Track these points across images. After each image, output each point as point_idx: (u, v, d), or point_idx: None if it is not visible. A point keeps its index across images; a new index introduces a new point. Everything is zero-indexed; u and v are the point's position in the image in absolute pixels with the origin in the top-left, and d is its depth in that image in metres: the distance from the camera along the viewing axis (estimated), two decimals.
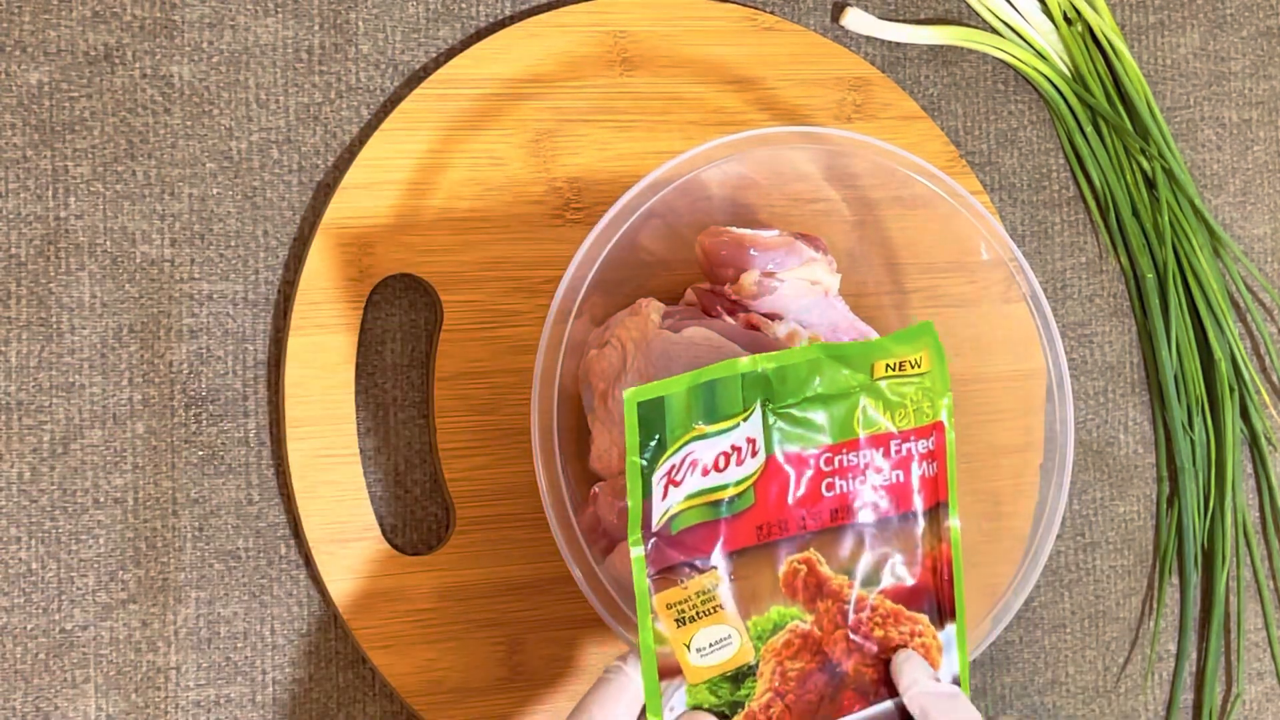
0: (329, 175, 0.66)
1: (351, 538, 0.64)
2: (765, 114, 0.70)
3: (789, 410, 0.53)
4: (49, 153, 0.63)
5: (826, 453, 0.54)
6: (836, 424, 0.54)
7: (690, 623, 0.52)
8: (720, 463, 0.52)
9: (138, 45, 0.64)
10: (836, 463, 0.54)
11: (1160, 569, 0.77)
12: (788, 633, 0.53)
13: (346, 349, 0.64)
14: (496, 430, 0.66)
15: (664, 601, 0.52)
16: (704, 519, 0.52)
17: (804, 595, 0.54)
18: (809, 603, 0.54)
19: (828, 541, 0.54)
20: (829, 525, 0.54)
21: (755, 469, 0.53)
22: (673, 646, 0.52)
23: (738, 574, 0.53)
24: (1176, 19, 0.78)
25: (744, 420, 0.52)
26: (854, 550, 0.55)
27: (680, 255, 0.65)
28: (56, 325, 0.63)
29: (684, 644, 0.52)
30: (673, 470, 0.51)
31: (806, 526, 0.54)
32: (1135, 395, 0.77)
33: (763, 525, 0.53)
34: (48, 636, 0.62)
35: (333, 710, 0.65)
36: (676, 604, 0.52)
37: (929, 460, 0.55)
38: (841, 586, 0.54)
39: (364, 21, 0.67)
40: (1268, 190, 0.80)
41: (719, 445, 0.52)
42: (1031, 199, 0.76)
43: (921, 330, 0.55)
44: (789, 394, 0.53)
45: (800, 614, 0.53)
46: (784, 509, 0.54)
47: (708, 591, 0.52)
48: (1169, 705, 0.77)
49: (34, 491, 0.62)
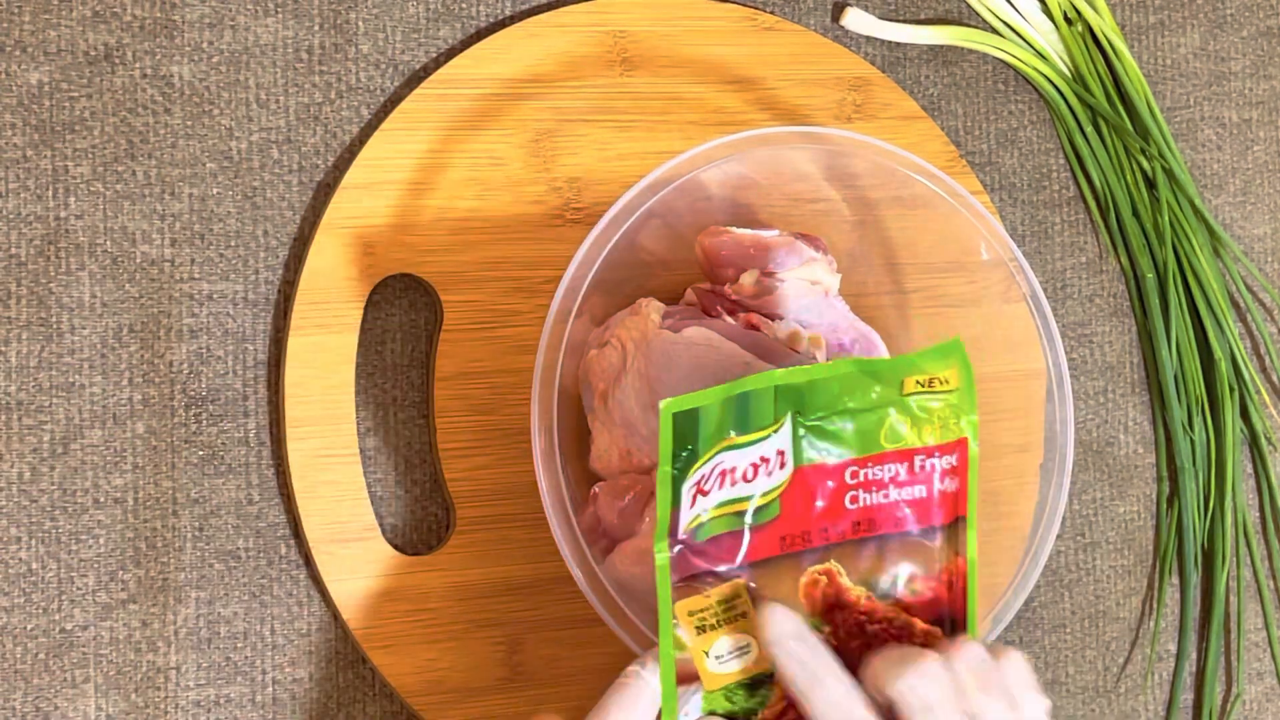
0: (329, 175, 0.66)
1: (351, 538, 0.64)
2: (765, 114, 0.70)
3: (818, 423, 0.53)
4: (49, 153, 0.63)
5: (852, 465, 0.54)
6: (863, 437, 0.54)
7: (711, 630, 0.52)
8: (749, 473, 0.52)
9: (138, 45, 0.64)
10: (861, 476, 0.54)
11: (1160, 569, 0.77)
12: None
13: (346, 349, 0.64)
14: (496, 430, 0.66)
15: (686, 609, 0.52)
16: (730, 528, 0.53)
17: (823, 605, 0.54)
18: (827, 613, 0.54)
19: (849, 553, 0.54)
20: (850, 537, 0.54)
21: (783, 480, 0.53)
22: (692, 653, 0.52)
23: (759, 583, 0.53)
24: (1176, 19, 0.78)
25: (775, 432, 0.52)
26: (874, 563, 0.55)
27: (680, 255, 0.65)
28: (56, 325, 0.63)
29: (703, 651, 0.52)
30: (702, 480, 0.51)
31: (829, 538, 0.54)
32: (1135, 395, 0.77)
33: (786, 536, 0.53)
34: (48, 636, 0.62)
35: (333, 710, 0.65)
36: (698, 611, 0.52)
37: (951, 476, 0.56)
38: (859, 598, 0.54)
39: (364, 21, 0.67)
40: (1268, 190, 0.80)
41: (749, 456, 0.52)
42: (1031, 199, 0.76)
43: (951, 348, 0.55)
44: (819, 407, 0.53)
45: (818, 624, 0.54)
46: (808, 520, 0.54)
47: (729, 600, 0.53)
48: (1169, 705, 0.77)
49: (34, 491, 0.62)
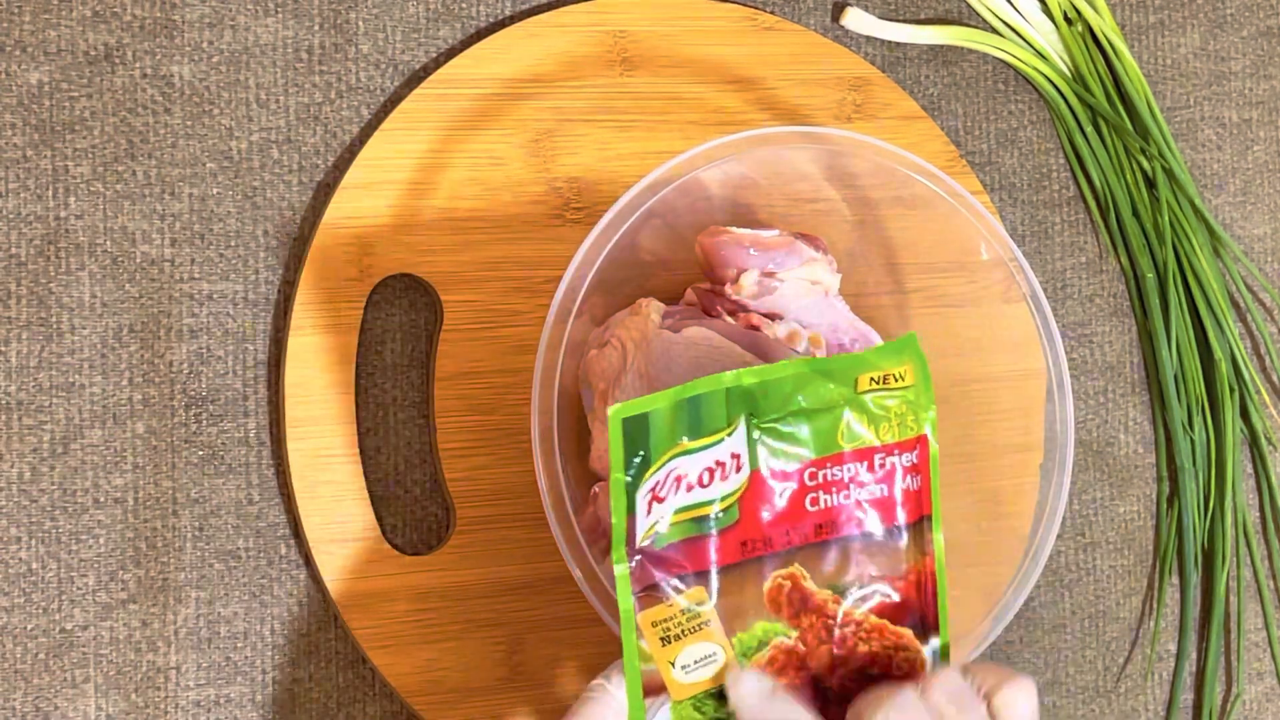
0: (329, 175, 0.66)
1: (351, 538, 0.64)
2: (765, 114, 0.70)
3: (773, 425, 0.53)
4: (49, 153, 0.63)
5: (810, 467, 0.54)
6: (820, 438, 0.54)
7: (675, 640, 0.52)
8: (704, 478, 0.52)
9: (138, 45, 0.64)
10: (820, 477, 0.54)
11: (1160, 569, 0.77)
12: (772, 649, 0.53)
13: (346, 349, 0.64)
14: (496, 430, 0.66)
15: (649, 619, 0.51)
16: (688, 535, 0.52)
17: (788, 611, 0.53)
18: (793, 618, 0.53)
19: (812, 556, 0.54)
20: (813, 540, 0.54)
21: (739, 484, 0.53)
22: (657, 664, 0.51)
23: (723, 590, 0.52)
24: (1176, 19, 0.78)
25: (728, 435, 0.52)
26: (839, 565, 0.54)
27: (680, 255, 0.65)
28: (56, 325, 0.63)
29: (669, 661, 0.51)
30: (657, 486, 0.51)
31: (791, 542, 0.53)
32: (1135, 395, 0.77)
33: (747, 541, 0.53)
34: (48, 636, 0.62)
35: (333, 710, 0.65)
36: (661, 621, 0.51)
37: (913, 474, 0.55)
38: (826, 601, 0.54)
39: (364, 21, 0.67)
40: (1268, 190, 0.80)
41: (703, 461, 0.52)
42: (1031, 199, 0.76)
43: (905, 343, 0.54)
44: (773, 408, 0.53)
45: (784, 630, 0.53)
46: (768, 524, 0.53)
47: (693, 609, 0.52)
48: (1169, 705, 0.77)
49: (34, 491, 0.62)
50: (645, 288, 0.65)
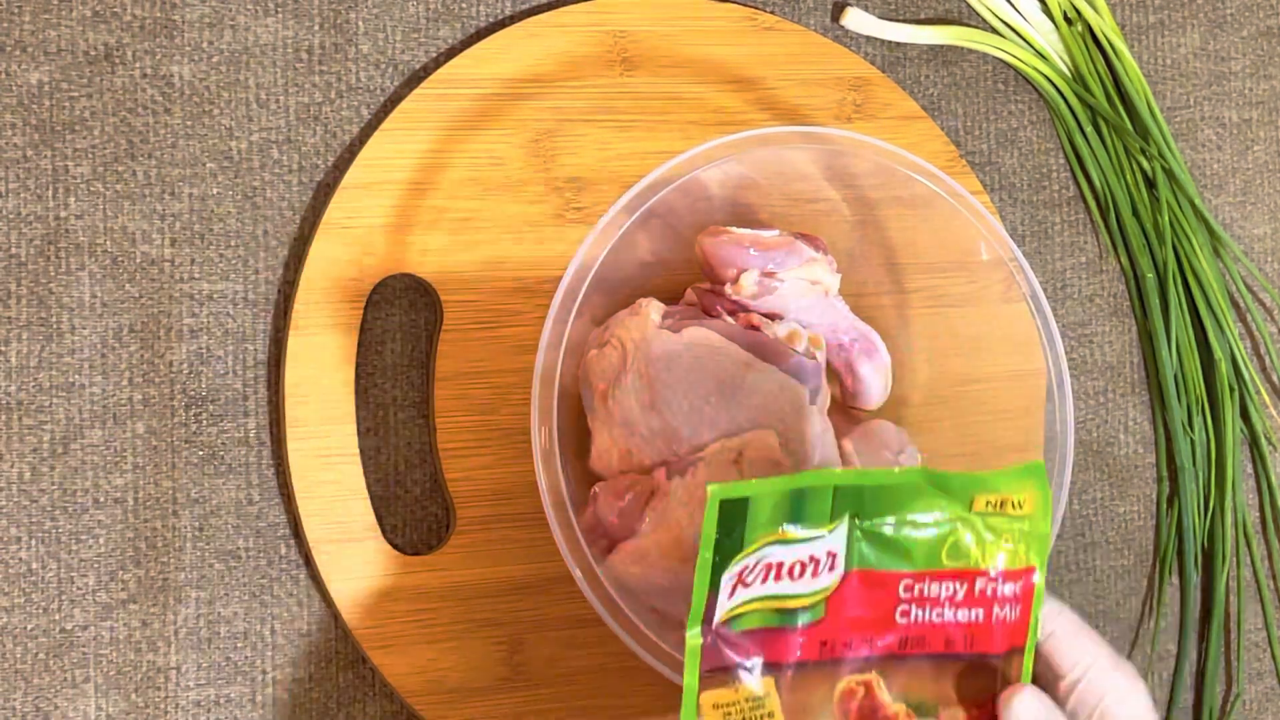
0: (329, 175, 0.66)
1: (351, 538, 0.64)
2: (765, 114, 0.70)
3: (877, 529, 0.51)
4: (49, 153, 0.63)
5: (908, 579, 0.52)
6: (923, 551, 0.52)
7: None
8: (796, 571, 0.50)
9: (138, 45, 0.64)
10: (916, 591, 0.52)
11: (1160, 569, 0.77)
12: None
13: (346, 349, 0.64)
14: (496, 430, 0.66)
15: (711, 700, 0.50)
16: (768, 624, 0.50)
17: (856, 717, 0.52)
18: None
19: (891, 668, 0.52)
20: (896, 652, 0.52)
21: (831, 583, 0.51)
22: None
23: (793, 685, 0.51)
24: (1176, 19, 0.78)
25: (829, 532, 0.50)
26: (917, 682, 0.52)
27: (680, 255, 0.65)
28: (56, 325, 0.63)
29: None
30: (745, 571, 0.49)
31: (873, 650, 0.52)
32: (1135, 395, 0.77)
33: (828, 641, 0.51)
34: (48, 636, 0.62)
35: (333, 710, 0.65)
36: (724, 705, 0.50)
37: (1013, 604, 0.53)
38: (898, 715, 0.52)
39: (364, 21, 0.67)
40: (1268, 190, 0.80)
41: (798, 553, 0.50)
42: (1031, 199, 0.76)
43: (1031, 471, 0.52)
44: (880, 512, 0.51)
45: None
46: (853, 628, 0.51)
47: (758, 698, 0.50)
48: (1169, 705, 0.77)
49: (34, 491, 0.62)
50: (645, 288, 0.65)
